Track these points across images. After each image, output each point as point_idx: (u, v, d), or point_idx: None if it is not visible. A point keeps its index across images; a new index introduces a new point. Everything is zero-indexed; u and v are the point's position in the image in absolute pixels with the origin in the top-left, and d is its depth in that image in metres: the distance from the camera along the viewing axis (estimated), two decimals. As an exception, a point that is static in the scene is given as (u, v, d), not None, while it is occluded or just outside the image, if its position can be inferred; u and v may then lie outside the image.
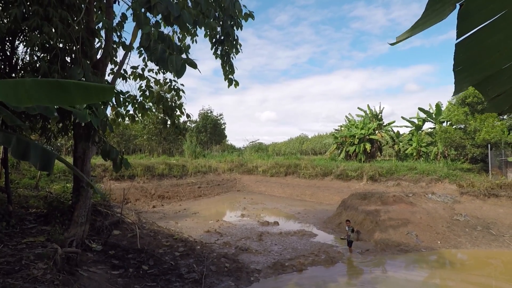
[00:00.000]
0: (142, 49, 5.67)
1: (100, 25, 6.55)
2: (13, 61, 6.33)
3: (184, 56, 5.42)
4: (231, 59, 7.93)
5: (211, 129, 38.72)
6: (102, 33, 6.83)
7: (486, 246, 9.69)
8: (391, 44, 1.32)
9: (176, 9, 4.86)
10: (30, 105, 2.04)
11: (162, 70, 6.66)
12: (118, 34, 6.72)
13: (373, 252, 9.29)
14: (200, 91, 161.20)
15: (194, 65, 5.08)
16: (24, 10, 4.87)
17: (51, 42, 5.17)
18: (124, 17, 6.37)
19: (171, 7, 4.78)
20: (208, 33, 7.51)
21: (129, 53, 6.85)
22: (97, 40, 6.89)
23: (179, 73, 4.88)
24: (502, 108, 1.43)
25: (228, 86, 7.82)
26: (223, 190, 22.28)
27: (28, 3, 5.13)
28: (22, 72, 6.37)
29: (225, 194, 21.74)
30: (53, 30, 4.95)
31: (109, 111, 7.01)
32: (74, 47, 5.54)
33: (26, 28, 5.45)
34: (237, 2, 7.05)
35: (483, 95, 1.38)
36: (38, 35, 4.96)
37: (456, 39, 1.19)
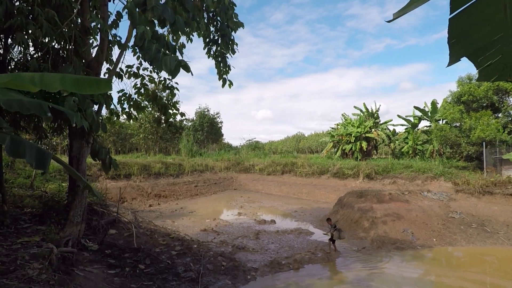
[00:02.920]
0: (136, 47, 5.64)
1: (95, 23, 6.49)
2: (7, 60, 6.25)
3: (178, 55, 5.40)
4: (226, 58, 7.91)
5: (208, 127, 38.67)
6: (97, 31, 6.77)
7: (481, 243, 9.79)
8: (388, 22, 1.40)
9: (172, 15, 4.83)
10: (4, 86, 2.05)
11: (156, 70, 6.64)
12: (113, 33, 6.67)
13: (369, 249, 9.34)
14: (196, 89, 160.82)
15: (187, 69, 5.07)
16: (7, 9, 4.78)
17: (39, 41, 5.11)
18: (119, 15, 6.32)
19: (166, 14, 4.74)
20: (202, 33, 7.49)
21: (124, 51, 6.80)
22: (92, 39, 6.83)
23: (173, 73, 4.86)
24: (492, 77, 1.54)
25: (223, 86, 7.82)
26: (220, 189, 22.27)
27: (14, 1, 5.05)
28: (16, 71, 6.30)
29: (222, 192, 21.74)
30: (39, 29, 4.88)
31: (104, 109, 6.95)
32: (67, 46, 5.49)
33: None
34: (229, 11, 7.04)
35: (475, 65, 1.48)
36: (24, 34, 4.89)
37: (450, 14, 1.30)
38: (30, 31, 4.84)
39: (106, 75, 7.02)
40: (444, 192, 13.60)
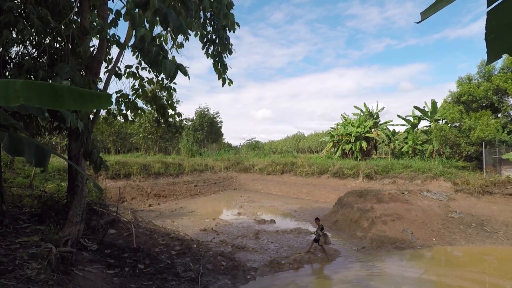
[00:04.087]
0: (136, 47, 5.62)
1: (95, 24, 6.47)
2: (6, 58, 6.21)
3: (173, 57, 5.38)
4: (223, 58, 7.92)
5: (208, 127, 38.63)
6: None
7: (480, 242, 9.79)
8: (417, 23, 1.31)
9: (176, 19, 4.81)
10: (19, 104, 2.02)
11: (155, 73, 6.63)
12: (112, 32, 6.65)
13: (369, 249, 9.34)
14: (196, 89, 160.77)
15: (185, 73, 5.11)
16: None
17: (30, 39, 5.07)
18: (118, 14, 6.31)
19: (171, 17, 4.72)
20: (199, 33, 7.47)
21: (123, 51, 6.79)
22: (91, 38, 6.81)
23: (172, 77, 4.89)
24: None
25: (223, 85, 7.84)
26: (220, 189, 22.26)
27: None
28: (15, 69, 6.27)
29: (222, 192, 21.73)
30: (30, 27, 4.85)
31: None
32: (64, 45, 5.47)
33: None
34: (224, 10, 7.03)
35: None
36: (13, 31, 4.86)
37: (487, 7, 1.16)
38: (18, 29, 4.80)
39: (106, 74, 7.01)
40: (443, 192, 13.59)
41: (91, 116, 6.33)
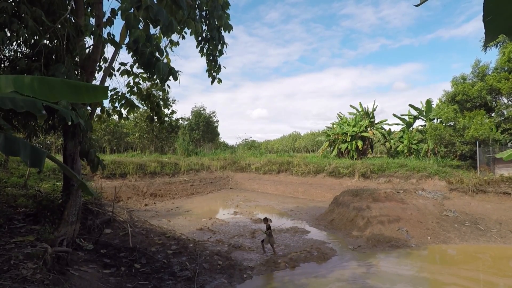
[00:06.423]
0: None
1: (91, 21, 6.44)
2: (1, 57, 6.16)
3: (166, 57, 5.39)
4: (217, 58, 7.93)
5: (204, 126, 38.55)
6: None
7: (474, 241, 9.90)
8: (416, 5, 1.35)
9: (166, 17, 4.80)
10: (11, 96, 2.03)
11: (148, 74, 6.63)
12: (107, 31, 6.62)
13: (365, 248, 9.40)
14: (192, 88, 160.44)
15: (176, 77, 5.15)
16: None
17: (23, 39, 5.05)
18: (113, 12, 6.27)
19: (161, 15, 4.71)
20: (195, 31, 7.47)
21: (119, 50, 6.75)
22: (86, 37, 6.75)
23: (165, 80, 4.94)
24: None
25: (212, 83, 7.87)
26: (216, 188, 22.24)
27: None
28: (5, 69, 6.21)
29: (218, 191, 21.72)
30: (24, 28, 4.81)
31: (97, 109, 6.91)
32: (60, 44, 5.43)
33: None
34: (218, 11, 7.03)
35: None
36: (6, 32, 4.83)
37: None
38: (12, 30, 4.76)
39: (101, 73, 6.97)
40: (438, 190, 13.72)
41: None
